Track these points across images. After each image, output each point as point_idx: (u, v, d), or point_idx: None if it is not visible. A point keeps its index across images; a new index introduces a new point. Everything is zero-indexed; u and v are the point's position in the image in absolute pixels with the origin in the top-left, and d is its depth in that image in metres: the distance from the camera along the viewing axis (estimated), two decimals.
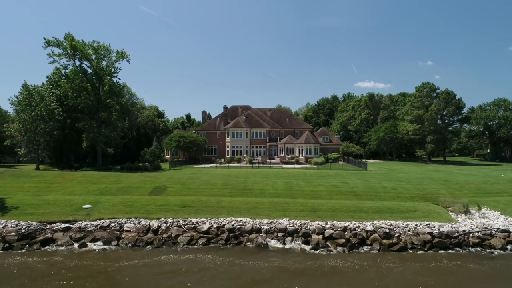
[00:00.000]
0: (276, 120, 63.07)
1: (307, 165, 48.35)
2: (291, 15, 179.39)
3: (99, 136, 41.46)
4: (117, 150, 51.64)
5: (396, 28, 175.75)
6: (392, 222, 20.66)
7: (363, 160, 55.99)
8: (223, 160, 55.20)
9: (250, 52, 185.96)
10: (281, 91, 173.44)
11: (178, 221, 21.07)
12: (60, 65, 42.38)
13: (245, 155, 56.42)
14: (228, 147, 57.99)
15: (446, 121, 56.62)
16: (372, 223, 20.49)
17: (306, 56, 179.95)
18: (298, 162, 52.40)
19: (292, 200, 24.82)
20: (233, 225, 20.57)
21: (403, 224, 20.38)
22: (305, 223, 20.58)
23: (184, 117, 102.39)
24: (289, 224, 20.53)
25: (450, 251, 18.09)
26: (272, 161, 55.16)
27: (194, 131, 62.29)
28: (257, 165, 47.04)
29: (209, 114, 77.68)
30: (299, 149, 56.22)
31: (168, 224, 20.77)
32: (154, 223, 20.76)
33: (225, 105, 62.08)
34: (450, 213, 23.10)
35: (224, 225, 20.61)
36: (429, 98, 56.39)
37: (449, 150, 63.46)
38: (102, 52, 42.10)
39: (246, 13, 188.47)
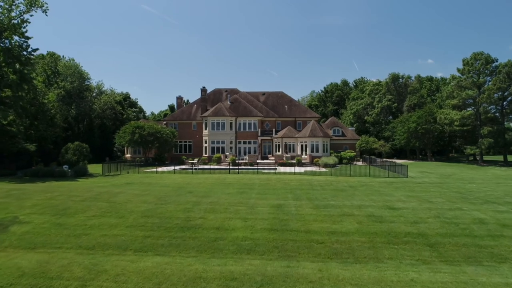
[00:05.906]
0: (272, 106, 48.12)
1: (314, 168, 33.42)
2: (293, 14, 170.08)
3: None
4: (47, 146, 37.02)
5: (396, 26, 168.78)
6: None
7: (384, 159, 39.80)
8: (196, 160, 40.36)
9: (252, 51, 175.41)
10: (283, 89, 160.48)
11: None
12: None
13: (227, 153, 41.57)
14: (206, 142, 43.15)
15: (507, 107, 40.98)
16: None
17: (308, 54, 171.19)
18: (300, 164, 37.51)
19: (286, 265, 9.77)
20: None
21: None
22: None
23: (168, 108, 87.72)
24: None
25: None
26: (265, 161, 40.28)
27: (164, 122, 47.49)
28: (237, 168, 31.86)
29: (187, 101, 62.89)
30: (302, 145, 41.30)
31: None
32: None
33: (204, 87, 46.94)
34: None
35: None
36: (483, 74, 40.84)
37: None
38: None
39: (248, 12, 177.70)
